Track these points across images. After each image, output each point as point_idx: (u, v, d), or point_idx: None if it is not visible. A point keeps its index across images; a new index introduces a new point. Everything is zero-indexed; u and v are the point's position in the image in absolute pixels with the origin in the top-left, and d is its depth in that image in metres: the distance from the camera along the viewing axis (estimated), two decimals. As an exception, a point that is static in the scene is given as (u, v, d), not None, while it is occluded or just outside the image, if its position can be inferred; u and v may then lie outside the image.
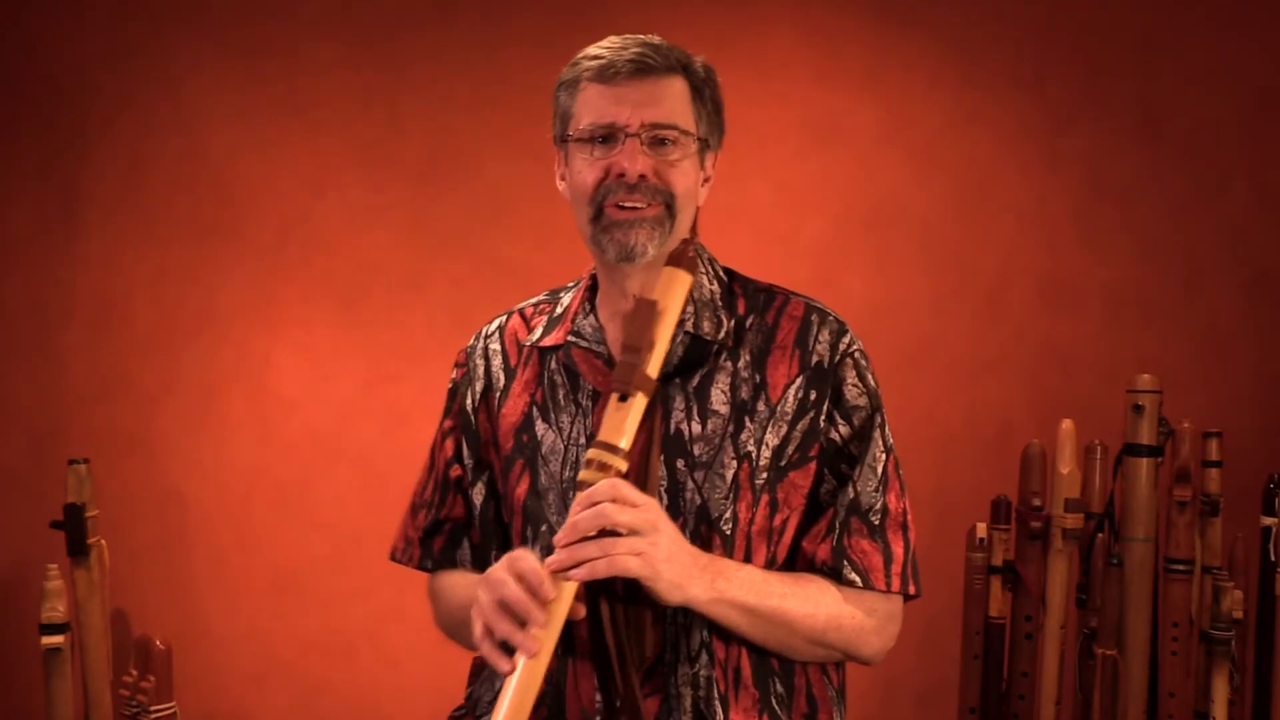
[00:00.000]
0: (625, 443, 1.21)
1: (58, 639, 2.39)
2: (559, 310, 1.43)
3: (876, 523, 1.32)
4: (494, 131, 2.81)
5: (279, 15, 2.87)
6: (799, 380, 1.33)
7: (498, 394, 1.42)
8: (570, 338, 1.38)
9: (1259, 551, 2.26)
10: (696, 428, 1.31)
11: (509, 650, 1.18)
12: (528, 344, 1.42)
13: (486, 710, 1.37)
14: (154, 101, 2.89)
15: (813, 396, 1.33)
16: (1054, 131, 2.72)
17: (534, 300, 1.48)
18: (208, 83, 2.88)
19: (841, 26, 2.77)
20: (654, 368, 1.25)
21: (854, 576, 1.30)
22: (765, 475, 1.31)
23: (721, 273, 1.41)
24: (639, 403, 1.22)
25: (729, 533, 1.29)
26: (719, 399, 1.32)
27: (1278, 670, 2.24)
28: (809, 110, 2.78)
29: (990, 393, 2.73)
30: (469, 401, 1.44)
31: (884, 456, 1.34)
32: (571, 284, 1.47)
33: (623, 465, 1.21)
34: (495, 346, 1.45)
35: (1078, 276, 2.71)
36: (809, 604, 1.28)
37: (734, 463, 1.30)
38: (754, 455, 1.31)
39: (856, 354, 1.36)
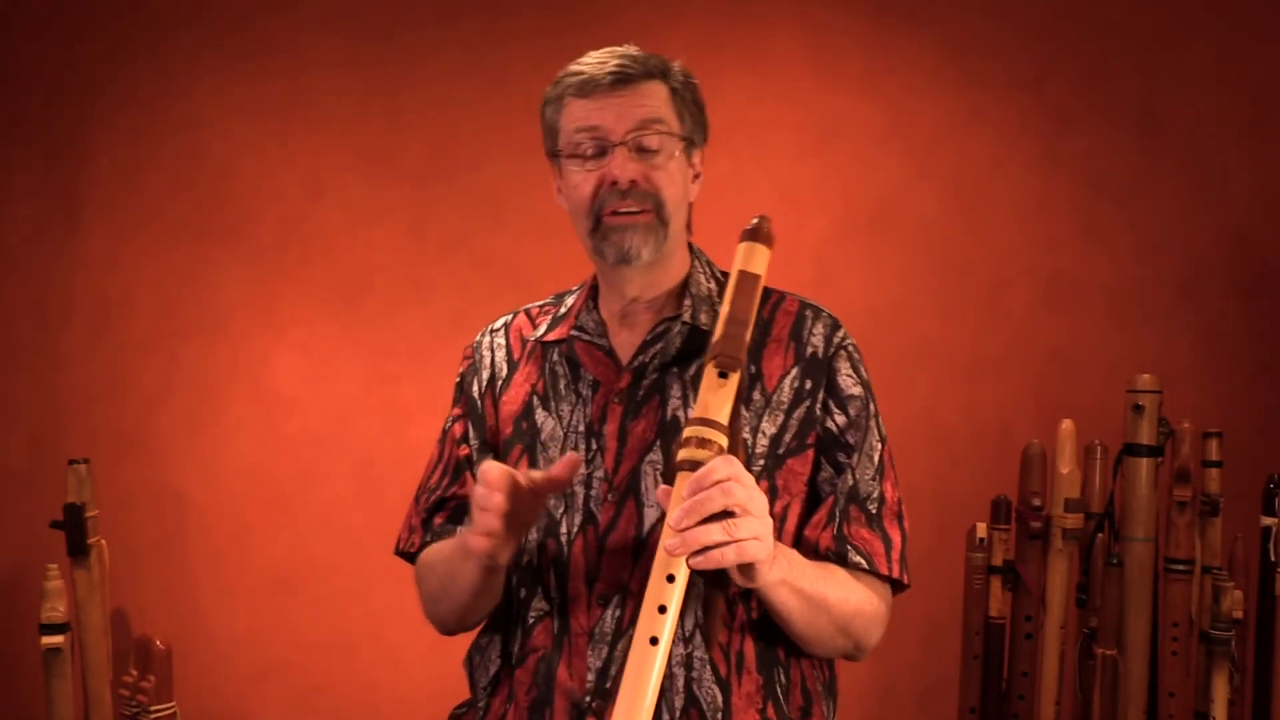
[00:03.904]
0: (724, 420, 1.16)
1: (58, 639, 2.39)
2: (563, 310, 1.49)
3: (874, 511, 1.35)
4: (495, 131, 2.81)
5: (279, 14, 2.87)
6: (795, 370, 1.38)
7: (500, 383, 1.48)
8: (573, 332, 1.44)
9: (1259, 551, 2.26)
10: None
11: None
12: (532, 339, 1.48)
13: (482, 695, 1.40)
14: (154, 101, 2.89)
15: (808, 386, 1.37)
16: (1054, 131, 2.72)
17: (539, 303, 1.55)
18: (208, 82, 2.88)
19: (841, 26, 2.77)
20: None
21: (859, 560, 1.33)
22: (763, 462, 1.34)
23: (719, 273, 1.47)
24: (735, 380, 1.18)
25: None
26: None
27: (1278, 670, 2.23)
28: (809, 110, 2.77)
29: (990, 393, 2.73)
30: (475, 389, 1.50)
31: (880, 445, 1.39)
32: (575, 287, 1.53)
33: (724, 441, 1.14)
34: (500, 341, 1.51)
35: (1078, 276, 2.71)
36: (842, 589, 1.30)
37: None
38: (750, 443, 1.34)
39: (850, 347, 1.42)
